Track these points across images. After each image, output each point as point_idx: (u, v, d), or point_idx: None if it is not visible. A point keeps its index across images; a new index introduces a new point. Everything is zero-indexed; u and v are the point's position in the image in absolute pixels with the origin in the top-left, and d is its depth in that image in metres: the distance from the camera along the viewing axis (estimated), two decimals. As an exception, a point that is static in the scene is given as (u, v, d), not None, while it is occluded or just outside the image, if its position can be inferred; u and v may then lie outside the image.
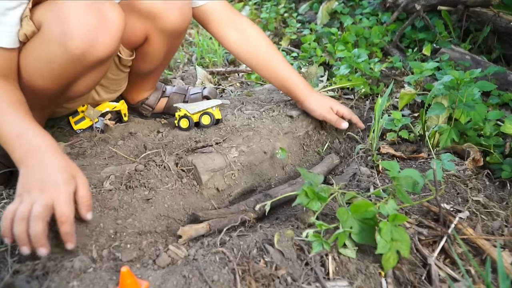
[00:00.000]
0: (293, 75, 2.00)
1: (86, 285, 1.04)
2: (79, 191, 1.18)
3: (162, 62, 1.96)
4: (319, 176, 1.33)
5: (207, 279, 1.05)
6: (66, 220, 1.11)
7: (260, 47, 1.99)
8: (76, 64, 1.44)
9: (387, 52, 3.21)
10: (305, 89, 2.00)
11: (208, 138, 1.81)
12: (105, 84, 1.90)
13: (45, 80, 1.46)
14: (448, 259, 1.28)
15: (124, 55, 1.78)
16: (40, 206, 1.09)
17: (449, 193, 1.53)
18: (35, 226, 1.07)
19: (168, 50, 1.86)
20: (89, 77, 1.58)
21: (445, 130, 1.79)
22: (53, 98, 1.59)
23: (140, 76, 2.01)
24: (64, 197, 1.12)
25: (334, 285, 1.11)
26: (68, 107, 1.87)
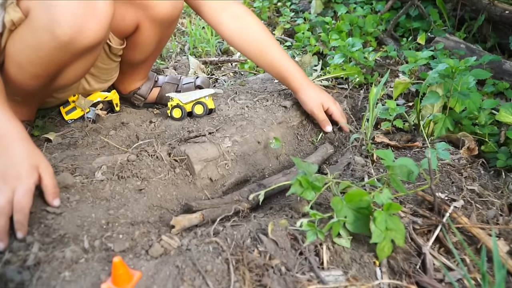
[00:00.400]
0: (289, 64, 1.97)
1: (78, 275, 1.03)
2: (43, 180, 1.21)
3: (154, 52, 1.94)
4: (313, 165, 1.32)
5: (200, 269, 1.05)
6: (21, 210, 1.13)
7: (255, 34, 1.96)
8: (65, 52, 1.42)
9: (382, 41, 3.20)
10: (300, 79, 1.97)
11: (201, 128, 1.81)
12: (96, 74, 1.89)
13: (34, 67, 1.44)
14: (442, 248, 1.28)
15: (114, 44, 1.76)
16: (1, 201, 1.11)
17: (444, 182, 1.53)
18: None
19: (159, 39, 1.85)
20: (78, 65, 1.56)
21: (439, 119, 1.79)
22: (42, 86, 1.57)
23: (131, 66, 2.00)
24: (23, 189, 1.15)
25: (328, 274, 1.11)
26: (59, 97, 1.85)
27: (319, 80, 2.45)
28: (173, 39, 3.68)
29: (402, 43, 3.06)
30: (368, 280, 1.11)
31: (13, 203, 1.13)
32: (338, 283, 1.08)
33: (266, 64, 1.98)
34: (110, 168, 1.49)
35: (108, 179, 1.45)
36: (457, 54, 2.54)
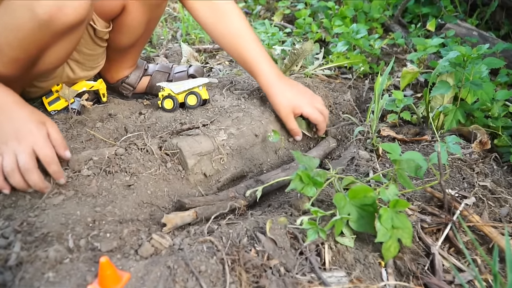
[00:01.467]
0: (263, 61, 1.89)
1: (63, 276, 1.04)
2: (52, 135, 1.35)
3: (143, 35, 1.94)
4: (314, 159, 1.33)
5: (193, 270, 1.05)
6: (51, 160, 1.31)
7: (231, 26, 1.91)
8: (45, 31, 1.42)
9: (388, 28, 3.21)
10: (272, 79, 1.88)
11: (195, 120, 1.81)
12: (81, 61, 1.88)
13: (13, 50, 1.44)
14: (452, 248, 1.29)
15: (99, 26, 1.76)
16: (25, 157, 1.26)
17: (454, 178, 1.54)
18: (31, 177, 1.27)
19: (148, 20, 1.84)
20: (60, 47, 1.56)
21: (450, 110, 1.79)
22: (23, 71, 1.56)
23: (119, 52, 1.99)
24: (42, 141, 1.31)
25: (330, 275, 1.11)
26: (41, 86, 1.84)
27: (322, 69, 2.45)
28: (164, 25, 3.67)
29: (411, 30, 3.07)
30: (372, 281, 1.12)
31: (41, 157, 1.29)
32: (340, 285, 1.08)
33: (240, 60, 1.94)
34: (97, 162, 1.49)
35: (95, 174, 1.45)
36: (469, 41, 2.55)
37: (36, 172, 1.28)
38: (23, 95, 1.79)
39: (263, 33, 3.23)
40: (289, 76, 2.27)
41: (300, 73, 2.35)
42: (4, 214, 1.26)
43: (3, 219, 1.24)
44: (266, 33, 3.21)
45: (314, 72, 2.40)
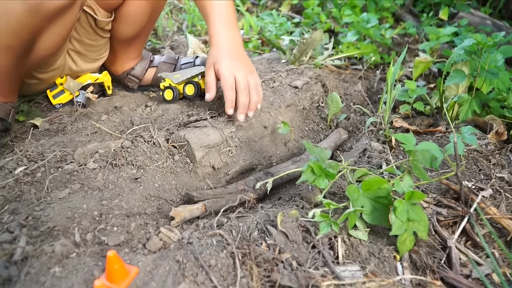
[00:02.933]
0: (217, 6, 1.77)
1: (69, 271, 1.03)
2: None
3: (146, 25, 1.92)
4: (326, 150, 1.31)
5: (203, 264, 1.04)
6: None
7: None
8: (35, 15, 1.41)
9: (399, 17, 3.18)
10: (218, 25, 1.76)
11: (202, 112, 1.79)
12: (82, 52, 1.87)
13: (6, 37, 1.43)
14: (469, 241, 1.27)
15: (100, 16, 1.74)
16: None
17: (471, 170, 1.52)
18: None
19: (151, 10, 1.83)
20: (52, 32, 1.55)
21: (465, 100, 1.77)
22: (18, 59, 1.55)
23: (123, 43, 1.98)
24: None
25: (344, 269, 1.10)
26: (41, 77, 1.82)
27: (331, 59, 2.43)
28: (170, 16, 3.66)
29: (422, 19, 3.04)
30: (388, 276, 1.10)
31: None
32: (355, 279, 1.06)
33: (204, 17, 1.83)
34: (103, 155, 1.48)
35: (101, 167, 1.44)
36: (483, 30, 2.52)
37: None
38: (24, 88, 1.79)
39: (271, 23, 3.21)
40: (298, 67, 2.25)
41: (310, 63, 2.33)
42: (9, 208, 1.25)
43: (8, 213, 1.23)
44: (273, 23, 3.19)
45: (323, 62, 2.37)
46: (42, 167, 1.40)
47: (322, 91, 2.10)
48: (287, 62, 2.40)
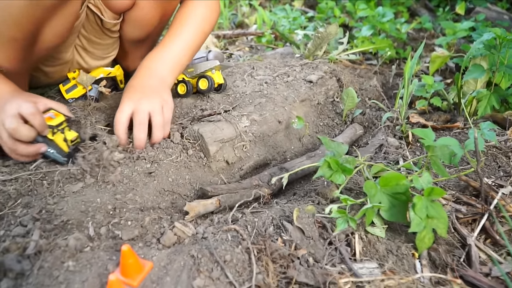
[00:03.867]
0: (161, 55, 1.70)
1: (83, 265, 1.02)
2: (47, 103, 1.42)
3: (156, 28, 1.89)
4: (343, 145, 1.29)
5: (218, 260, 1.03)
6: (35, 111, 1.31)
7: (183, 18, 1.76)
8: (35, 7, 1.40)
9: (414, 12, 3.15)
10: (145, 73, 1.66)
11: (216, 106, 1.78)
12: (89, 49, 1.85)
13: (9, 29, 1.43)
14: (488, 239, 1.25)
15: (106, 18, 1.71)
16: (10, 119, 1.28)
17: (490, 166, 1.50)
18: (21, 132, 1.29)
19: (161, 16, 1.79)
20: (55, 23, 1.53)
21: (484, 96, 1.74)
22: (24, 51, 1.55)
23: (132, 43, 1.95)
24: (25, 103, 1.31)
25: (361, 266, 1.08)
26: (47, 70, 1.81)
27: (346, 54, 2.41)
28: (182, 10, 3.65)
29: (438, 13, 3.01)
30: (407, 273, 1.08)
31: (22, 113, 1.29)
32: (373, 277, 1.05)
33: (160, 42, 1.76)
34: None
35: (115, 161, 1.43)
36: (500, 25, 2.49)
37: (25, 126, 1.29)
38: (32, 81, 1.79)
39: (284, 18, 3.19)
40: (313, 61, 2.23)
41: (324, 58, 2.32)
42: (22, 202, 1.25)
43: (21, 206, 1.23)
44: (287, 18, 3.18)
45: (338, 57, 2.35)
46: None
47: (337, 85, 2.08)
48: (301, 57, 2.39)
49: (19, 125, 1.28)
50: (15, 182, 1.32)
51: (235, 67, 2.23)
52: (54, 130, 1.37)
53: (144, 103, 1.51)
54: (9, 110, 1.30)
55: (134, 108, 1.50)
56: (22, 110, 1.29)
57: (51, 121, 1.37)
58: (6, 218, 1.19)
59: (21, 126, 1.29)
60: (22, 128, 1.29)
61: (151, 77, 1.63)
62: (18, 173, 1.36)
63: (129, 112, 1.50)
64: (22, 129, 1.29)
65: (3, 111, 1.31)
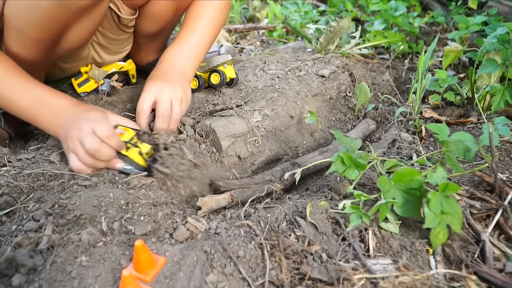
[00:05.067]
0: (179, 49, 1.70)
1: (96, 260, 1.01)
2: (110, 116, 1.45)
3: (170, 21, 1.89)
4: (357, 140, 1.28)
5: (231, 255, 1.02)
6: (110, 133, 1.32)
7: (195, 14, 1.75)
8: (64, 9, 1.38)
9: (427, 6, 3.12)
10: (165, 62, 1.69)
11: (228, 101, 1.77)
12: (105, 45, 1.85)
13: (34, 30, 1.42)
14: (503, 235, 1.23)
15: (124, 14, 1.71)
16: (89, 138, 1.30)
17: (504, 162, 1.48)
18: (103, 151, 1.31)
19: (176, 9, 1.79)
20: (81, 25, 1.53)
21: (498, 90, 1.72)
22: (46, 51, 1.54)
23: (146, 37, 1.95)
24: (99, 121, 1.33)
25: (375, 262, 1.07)
26: (65, 66, 1.82)
27: (358, 48, 2.39)
28: (193, 5, 3.64)
29: (451, 7, 2.98)
30: (421, 270, 1.07)
31: (97, 134, 1.30)
32: (387, 273, 1.04)
33: (175, 38, 1.75)
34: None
35: (127, 156, 1.43)
36: (513, 20, 2.46)
37: (104, 146, 1.31)
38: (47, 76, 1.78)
39: (295, 12, 3.17)
40: (325, 56, 2.21)
41: (336, 52, 2.30)
42: (35, 197, 1.25)
43: (34, 201, 1.23)
44: (298, 12, 3.16)
45: (350, 51, 2.34)
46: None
47: (349, 80, 2.07)
48: (313, 51, 2.37)
49: (101, 146, 1.30)
50: (27, 177, 1.32)
51: (246, 62, 2.22)
52: (127, 145, 1.38)
53: (166, 91, 1.53)
54: (85, 128, 1.30)
55: (157, 96, 1.52)
56: (99, 132, 1.30)
57: (122, 136, 1.38)
58: (19, 212, 1.19)
59: (103, 146, 1.30)
60: (103, 149, 1.31)
61: (172, 69, 1.64)
62: (30, 167, 1.36)
63: (152, 100, 1.53)
64: (104, 149, 1.31)
65: (77, 128, 1.31)
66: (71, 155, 1.33)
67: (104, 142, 1.31)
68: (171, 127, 1.53)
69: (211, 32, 1.75)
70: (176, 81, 1.57)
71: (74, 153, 1.32)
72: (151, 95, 1.52)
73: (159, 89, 1.52)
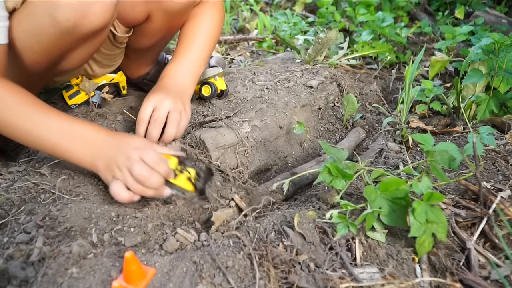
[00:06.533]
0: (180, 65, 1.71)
1: (87, 272, 1.03)
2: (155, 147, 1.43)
3: (164, 38, 1.90)
4: (343, 151, 1.30)
5: (220, 266, 1.03)
6: (158, 160, 1.33)
7: (192, 29, 1.76)
8: (67, 37, 1.38)
9: (414, 16, 3.16)
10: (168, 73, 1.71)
11: (217, 112, 1.79)
12: (98, 59, 1.85)
13: (35, 54, 1.42)
14: (488, 243, 1.25)
15: (119, 32, 1.71)
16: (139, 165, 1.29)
17: (489, 170, 1.50)
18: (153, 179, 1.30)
19: (171, 27, 1.79)
20: (81, 50, 1.53)
21: (483, 100, 1.75)
22: (43, 72, 1.55)
23: (138, 52, 1.96)
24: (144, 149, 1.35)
25: (362, 271, 1.09)
26: (59, 80, 1.83)
27: (346, 59, 2.41)
28: (183, 16, 3.66)
29: (438, 18, 3.02)
30: (407, 278, 1.09)
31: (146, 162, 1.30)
32: (373, 281, 1.05)
33: (174, 54, 1.77)
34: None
35: (117, 168, 1.44)
36: (499, 29, 2.50)
37: (154, 173, 1.30)
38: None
39: (285, 23, 3.20)
40: (313, 66, 2.24)
41: (325, 63, 2.32)
42: (26, 209, 1.26)
43: (25, 213, 1.24)
44: (287, 23, 3.18)
45: (338, 62, 2.36)
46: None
47: (338, 90, 2.09)
48: (302, 62, 2.39)
49: (150, 173, 1.29)
50: (19, 189, 1.33)
51: (236, 73, 2.24)
52: (175, 173, 1.38)
53: (166, 102, 1.54)
54: (133, 156, 1.30)
55: (156, 106, 1.54)
56: (148, 159, 1.30)
57: (169, 164, 1.38)
58: (10, 225, 1.20)
59: (152, 173, 1.30)
60: (153, 176, 1.30)
61: (173, 84, 1.65)
62: (22, 180, 1.37)
63: (151, 110, 1.53)
64: (153, 176, 1.30)
65: (125, 157, 1.31)
66: (117, 183, 1.31)
67: (154, 169, 1.30)
68: (167, 135, 1.53)
69: (208, 46, 1.76)
70: (177, 96, 1.59)
71: (124, 182, 1.30)
72: (151, 106, 1.53)
73: (158, 100, 1.54)
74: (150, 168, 1.30)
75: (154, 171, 1.30)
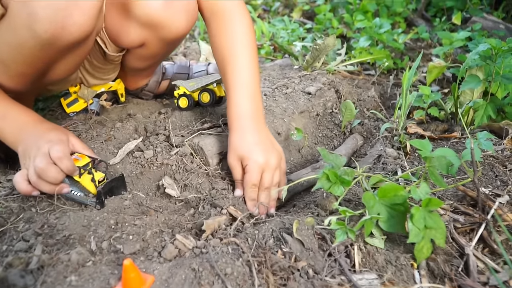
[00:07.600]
0: (238, 93, 1.55)
1: (85, 280, 1.02)
2: (72, 140, 1.43)
3: (159, 59, 1.91)
4: (341, 157, 1.30)
5: (219, 273, 1.03)
6: (63, 155, 1.30)
7: (225, 40, 1.61)
8: (48, 49, 1.36)
9: (411, 22, 3.17)
10: (240, 116, 1.53)
11: (215, 118, 1.79)
12: (90, 71, 1.84)
13: (19, 65, 1.41)
14: (487, 248, 1.25)
15: (110, 51, 1.70)
16: (40, 159, 1.28)
17: (487, 176, 1.50)
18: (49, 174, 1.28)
19: (166, 51, 1.80)
20: (67, 60, 1.52)
21: (480, 106, 1.75)
22: (31, 83, 1.53)
23: (133, 70, 1.96)
24: (57, 143, 1.33)
25: (361, 277, 1.09)
26: (52, 88, 1.82)
27: (344, 65, 2.42)
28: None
29: (435, 23, 3.02)
30: (405, 284, 1.09)
31: (50, 155, 1.28)
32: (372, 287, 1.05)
33: (225, 84, 1.61)
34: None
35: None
36: (496, 35, 2.50)
37: (53, 167, 1.28)
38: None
39: (283, 29, 3.21)
40: (311, 73, 2.24)
41: (322, 69, 2.33)
42: (24, 217, 1.26)
43: (24, 221, 1.24)
44: (285, 29, 3.19)
45: (336, 68, 2.37)
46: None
47: (336, 97, 2.10)
48: (300, 68, 2.40)
49: (47, 166, 1.27)
50: (17, 197, 1.33)
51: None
52: (81, 171, 1.36)
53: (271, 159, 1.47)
54: (43, 148, 1.29)
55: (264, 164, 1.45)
56: (52, 152, 1.28)
57: (77, 162, 1.37)
58: (9, 233, 1.20)
59: (50, 167, 1.27)
60: (51, 170, 1.27)
61: (255, 131, 1.52)
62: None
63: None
64: (51, 171, 1.27)
65: (36, 147, 1.31)
66: (22, 173, 1.31)
67: (54, 164, 1.28)
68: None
69: (254, 58, 1.62)
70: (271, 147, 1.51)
71: (28, 172, 1.30)
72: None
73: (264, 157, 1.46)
74: (51, 162, 1.28)
75: (54, 165, 1.28)
